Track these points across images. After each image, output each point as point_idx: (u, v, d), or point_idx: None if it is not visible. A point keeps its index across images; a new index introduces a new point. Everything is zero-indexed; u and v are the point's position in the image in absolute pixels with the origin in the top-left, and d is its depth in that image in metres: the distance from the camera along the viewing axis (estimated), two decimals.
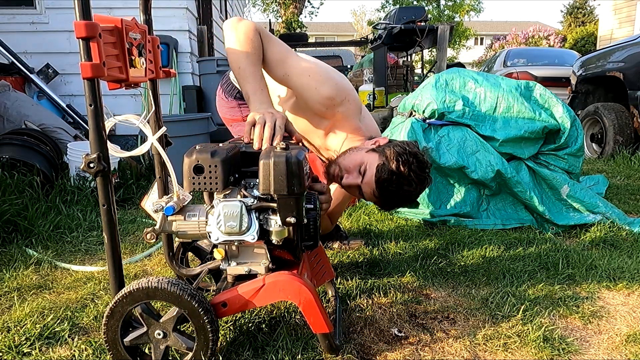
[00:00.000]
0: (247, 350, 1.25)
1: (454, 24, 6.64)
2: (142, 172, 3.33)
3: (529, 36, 19.75)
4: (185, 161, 1.07)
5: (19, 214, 2.24)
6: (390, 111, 5.12)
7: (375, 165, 1.42)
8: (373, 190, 1.43)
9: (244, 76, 1.39)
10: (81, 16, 0.92)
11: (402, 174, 1.39)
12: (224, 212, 1.10)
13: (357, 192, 1.51)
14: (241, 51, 1.40)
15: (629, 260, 1.85)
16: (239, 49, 1.40)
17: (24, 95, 3.70)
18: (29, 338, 1.31)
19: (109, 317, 1.08)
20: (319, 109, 1.52)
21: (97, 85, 0.97)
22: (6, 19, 4.28)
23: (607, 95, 4.90)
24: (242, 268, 1.20)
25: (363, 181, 1.45)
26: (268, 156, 1.07)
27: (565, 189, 2.41)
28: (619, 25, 11.22)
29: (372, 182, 1.42)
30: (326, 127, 1.60)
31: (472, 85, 2.60)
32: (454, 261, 1.87)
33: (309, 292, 1.12)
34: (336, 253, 1.97)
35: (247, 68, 1.39)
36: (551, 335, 1.33)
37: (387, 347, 1.29)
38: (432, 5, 20.90)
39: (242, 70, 1.39)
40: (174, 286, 1.07)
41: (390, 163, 1.39)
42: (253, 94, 1.37)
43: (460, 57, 25.93)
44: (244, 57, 1.39)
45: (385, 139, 1.55)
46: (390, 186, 1.40)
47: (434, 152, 2.48)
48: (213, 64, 4.37)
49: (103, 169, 1.00)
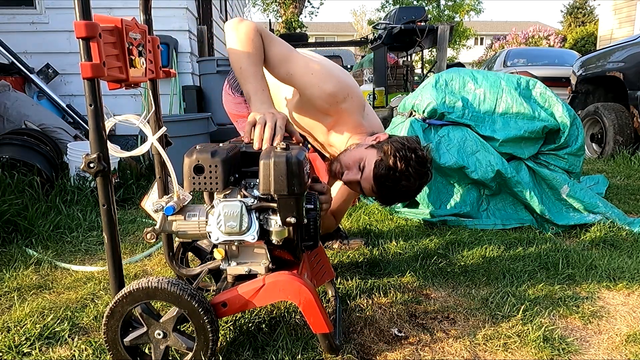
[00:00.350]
0: (247, 350, 1.25)
1: (454, 24, 6.64)
2: (142, 172, 3.34)
3: (529, 36, 19.75)
4: (186, 161, 1.07)
5: (19, 214, 2.24)
6: (390, 111, 5.12)
7: (373, 161, 1.43)
8: (372, 185, 1.45)
9: (245, 76, 1.40)
10: (81, 16, 0.92)
11: (399, 169, 1.39)
12: (224, 212, 1.10)
13: (357, 188, 1.52)
14: (242, 51, 1.40)
15: (629, 260, 1.85)
16: (240, 50, 1.40)
17: (24, 95, 3.70)
18: (29, 338, 1.31)
19: (109, 317, 1.08)
20: (322, 105, 1.53)
21: (97, 85, 0.97)
22: (6, 19, 4.28)
23: (607, 95, 4.90)
24: (242, 268, 1.20)
25: (362, 177, 1.46)
26: (268, 156, 1.07)
27: (565, 189, 2.41)
28: (619, 25, 11.22)
29: (371, 177, 1.43)
30: (329, 123, 1.61)
31: (472, 85, 2.60)
32: (454, 261, 1.87)
33: (309, 292, 1.12)
34: (336, 253, 1.97)
35: (248, 68, 1.39)
36: (551, 335, 1.33)
37: (387, 347, 1.29)
38: (432, 5, 20.90)
39: (243, 70, 1.40)
40: (174, 286, 1.07)
41: (388, 159, 1.40)
42: (254, 94, 1.37)
43: (460, 57, 25.93)
44: (245, 57, 1.40)
45: (386, 134, 1.56)
46: (387, 181, 1.41)
47: (434, 152, 2.48)
48: (213, 64, 4.36)
49: (103, 169, 1.00)
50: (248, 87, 1.39)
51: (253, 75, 1.39)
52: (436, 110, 2.57)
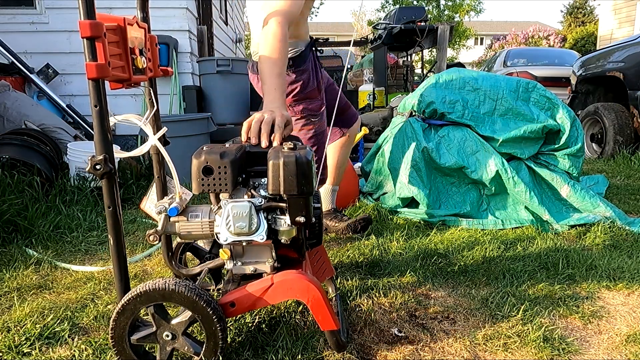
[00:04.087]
0: (247, 350, 1.25)
1: (454, 24, 6.62)
2: (142, 172, 3.33)
3: (529, 36, 19.77)
4: (194, 162, 1.07)
5: (19, 214, 2.24)
6: (390, 111, 5.11)
7: None
8: None
9: (262, 79, 1.42)
10: (85, 15, 0.90)
11: None
12: (233, 212, 1.10)
13: None
14: (269, 57, 1.42)
15: (629, 260, 1.85)
16: (267, 53, 1.43)
17: (24, 95, 3.70)
18: (29, 338, 1.31)
19: (120, 314, 1.08)
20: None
21: (102, 86, 0.96)
22: (6, 19, 4.28)
23: (607, 95, 4.90)
24: (248, 268, 1.20)
25: None
26: (277, 156, 1.06)
27: (565, 189, 2.41)
28: (619, 25, 11.22)
29: None
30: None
31: (472, 85, 2.60)
32: (454, 261, 1.87)
33: (316, 290, 1.12)
34: (336, 252, 1.97)
35: (265, 70, 1.41)
36: (551, 335, 1.33)
37: (387, 347, 1.29)
38: (432, 5, 20.88)
39: (262, 72, 1.42)
40: (190, 291, 1.07)
41: None
42: (267, 94, 1.39)
43: (460, 57, 25.91)
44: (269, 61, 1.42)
45: None
46: None
47: (434, 152, 2.48)
48: (213, 64, 4.37)
49: (109, 170, 1.00)
50: (263, 87, 1.41)
51: (269, 76, 1.40)
52: (436, 110, 2.57)
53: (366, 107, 6.37)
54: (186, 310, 1.09)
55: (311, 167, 1.08)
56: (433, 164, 2.49)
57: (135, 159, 3.43)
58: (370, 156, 3.05)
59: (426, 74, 7.90)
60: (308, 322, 1.39)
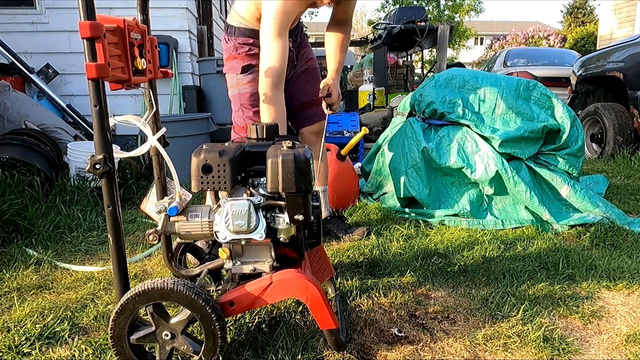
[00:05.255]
0: (247, 350, 1.25)
1: (454, 24, 6.63)
2: (142, 172, 3.33)
3: (529, 36, 19.77)
4: (194, 160, 1.07)
5: (19, 214, 2.24)
6: (390, 111, 5.11)
7: None
8: None
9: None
10: (85, 16, 0.91)
11: None
12: (232, 211, 1.10)
13: None
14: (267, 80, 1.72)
15: (629, 260, 1.85)
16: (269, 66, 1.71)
17: (24, 95, 3.70)
18: (29, 338, 1.31)
19: (119, 314, 1.08)
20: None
21: (102, 86, 0.97)
22: (6, 19, 4.28)
23: (607, 95, 4.90)
24: (247, 267, 1.20)
25: None
26: (276, 155, 1.07)
27: (565, 189, 2.41)
28: (619, 25, 11.22)
29: None
30: None
31: (472, 85, 2.60)
32: (454, 261, 1.87)
33: (315, 289, 1.12)
34: (335, 253, 1.97)
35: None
36: (551, 335, 1.33)
37: (387, 347, 1.29)
38: (432, 5, 20.88)
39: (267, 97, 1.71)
40: (189, 290, 1.07)
41: None
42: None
43: (460, 57, 25.91)
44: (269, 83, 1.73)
45: None
46: None
47: (434, 152, 2.48)
48: (213, 64, 4.36)
49: (109, 170, 1.00)
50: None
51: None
52: (436, 110, 2.57)
53: (366, 107, 6.38)
54: (185, 309, 1.09)
55: (309, 165, 1.08)
56: (433, 164, 2.49)
57: (135, 159, 3.43)
58: (370, 156, 3.05)
59: (426, 74, 7.91)
60: (308, 322, 1.39)
